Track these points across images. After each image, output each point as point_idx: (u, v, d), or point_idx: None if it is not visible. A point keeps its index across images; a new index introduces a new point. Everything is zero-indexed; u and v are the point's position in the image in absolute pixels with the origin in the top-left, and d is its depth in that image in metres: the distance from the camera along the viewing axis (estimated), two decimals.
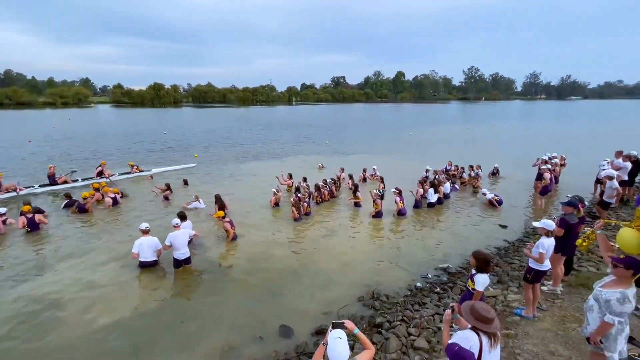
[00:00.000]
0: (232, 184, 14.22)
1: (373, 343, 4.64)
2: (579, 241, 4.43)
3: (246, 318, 5.59)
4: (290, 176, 13.16)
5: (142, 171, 15.63)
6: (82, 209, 10.36)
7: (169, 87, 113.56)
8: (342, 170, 14.37)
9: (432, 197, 10.94)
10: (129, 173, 15.29)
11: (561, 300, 5.38)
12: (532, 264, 4.78)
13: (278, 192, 11.13)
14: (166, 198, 11.69)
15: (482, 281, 3.99)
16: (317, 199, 11.47)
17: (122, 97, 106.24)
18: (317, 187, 11.64)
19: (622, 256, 3.22)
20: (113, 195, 11.17)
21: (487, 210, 10.70)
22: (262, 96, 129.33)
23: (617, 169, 10.14)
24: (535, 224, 4.97)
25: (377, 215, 9.98)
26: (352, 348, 4.12)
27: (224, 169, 17.24)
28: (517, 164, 16.31)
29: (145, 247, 6.97)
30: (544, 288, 5.60)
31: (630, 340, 4.02)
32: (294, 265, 7.36)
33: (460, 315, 2.99)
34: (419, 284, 6.48)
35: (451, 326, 3.18)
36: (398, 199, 10.22)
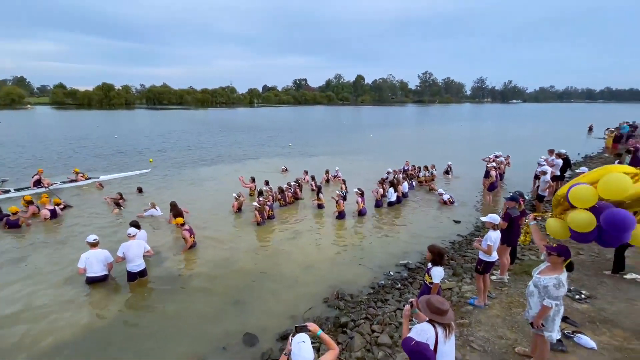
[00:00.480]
0: (192, 190, 13.64)
1: (338, 343, 4.72)
2: (521, 238, 4.86)
3: (208, 329, 5.38)
4: (253, 180, 12.92)
5: (89, 179, 14.41)
6: (13, 225, 9.18)
7: (120, 88, 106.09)
8: (306, 172, 14.42)
9: (392, 196, 11.36)
10: (74, 181, 14.01)
11: (508, 288, 5.84)
12: (482, 256, 5.16)
13: (240, 196, 10.87)
14: (118, 207, 10.89)
15: (438, 274, 4.24)
16: (280, 202, 11.39)
17: (65, 98, 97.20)
18: (281, 190, 11.56)
19: (554, 244, 3.58)
20: (52, 207, 10.02)
21: (442, 208, 11.34)
22: (222, 98, 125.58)
23: (552, 165, 11.32)
24: (483, 219, 5.38)
25: (340, 216, 10.14)
26: (317, 350, 4.15)
27: (182, 174, 16.48)
28: (468, 162, 17.48)
29: (94, 261, 6.43)
30: (493, 278, 6.05)
31: (564, 319, 4.50)
32: (257, 270, 7.23)
33: (418, 310, 3.13)
34: (381, 281, 6.69)
35: (411, 320, 3.31)
36: (360, 199, 10.48)
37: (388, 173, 14.01)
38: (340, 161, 18.73)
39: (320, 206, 11.15)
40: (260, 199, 10.19)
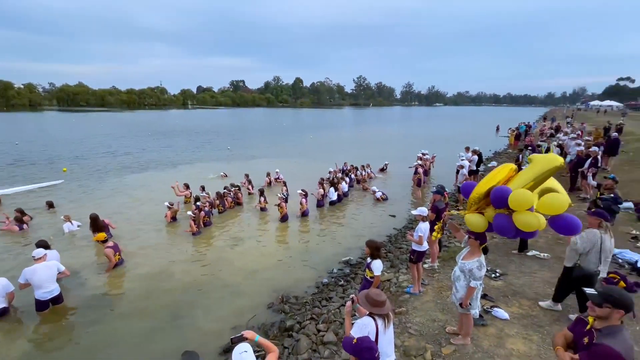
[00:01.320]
0: (118, 200, 12.25)
1: (284, 347, 4.67)
2: (434, 234, 5.39)
3: (143, 353, 4.89)
4: (187, 186, 12.13)
5: None
6: None
7: (22, 86, 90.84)
8: (247, 176, 14.03)
9: (333, 196, 11.67)
10: None
11: (438, 274, 6.41)
12: (414, 247, 5.58)
13: (172, 205, 10.09)
14: (20, 226, 9.28)
15: (378, 266, 4.47)
16: (219, 208, 10.88)
17: None
18: (220, 195, 11.06)
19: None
20: None
21: (378, 204, 11.99)
22: (151, 99, 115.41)
23: (470, 161, 12.79)
24: (413, 212, 5.83)
25: (284, 218, 10.07)
26: (263, 357, 4.03)
27: (105, 183, 14.72)
28: (402, 160, 18.79)
29: None
30: (425, 266, 6.59)
31: (484, 296, 5.09)
32: (196, 282, 6.80)
33: (359, 305, 3.25)
34: (325, 280, 6.81)
35: (353, 315, 3.41)
36: (304, 200, 10.55)
37: (330, 173, 14.36)
38: (282, 163, 18.59)
39: (263, 209, 10.94)
40: (198, 204, 9.62)
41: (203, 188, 11.55)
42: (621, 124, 24.17)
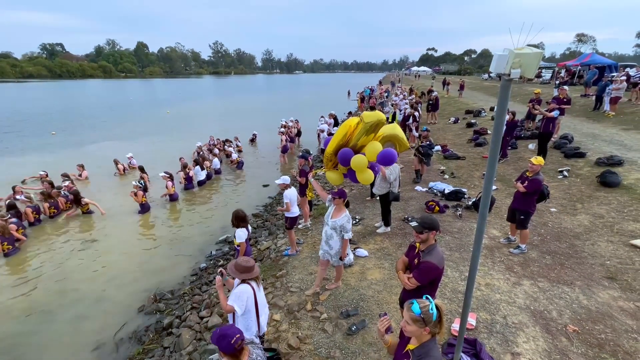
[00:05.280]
0: None
1: (165, 348, 4.31)
2: (308, 194, 5.84)
3: None
4: None
5: None
6: None
7: None
8: (81, 167, 11.39)
9: (201, 175, 10.87)
10: None
11: (311, 231, 7.01)
12: (287, 214, 5.86)
13: None
14: None
15: (241, 234, 4.50)
16: (51, 212, 8.58)
17: None
18: (47, 196, 8.66)
19: (335, 190, 4.47)
20: None
21: (250, 176, 11.92)
22: None
23: (329, 124, 14.04)
24: (276, 182, 6.05)
25: (144, 209, 8.80)
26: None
27: None
28: (270, 129, 18.96)
29: None
30: (299, 226, 7.07)
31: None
32: (37, 305, 5.36)
33: (228, 277, 3.24)
34: (204, 264, 6.48)
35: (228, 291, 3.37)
36: (170, 183, 9.43)
37: (199, 148, 13.23)
38: (134, 146, 15.84)
39: (88, 212, 8.94)
40: (8, 215, 7.29)
41: (16, 189, 8.77)
42: (432, 88, 30.93)
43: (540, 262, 5.12)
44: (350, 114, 16.95)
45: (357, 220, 6.96)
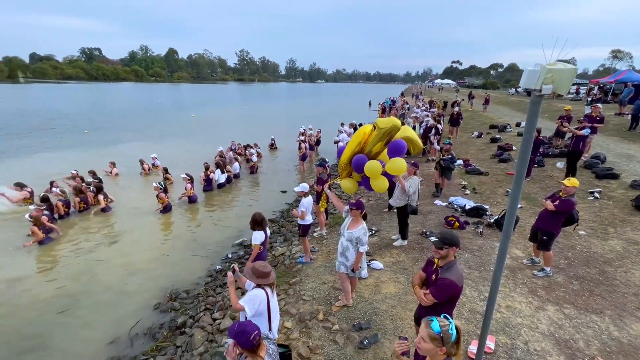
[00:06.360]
0: None
1: (177, 347, 4.37)
2: (321, 203, 5.83)
3: None
4: (21, 186, 9.46)
5: None
6: None
7: None
8: (113, 164, 11.92)
9: (221, 178, 11.10)
10: None
11: (326, 240, 6.97)
12: (300, 221, 5.87)
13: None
14: None
15: (257, 236, 4.54)
16: (81, 206, 8.99)
17: None
18: (79, 190, 9.09)
19: (354, 201, 4.43)
20: None
21: (268, 182, 12.04)
22: None
23: (349, 134, 14.04)
24: (295, 189, 6.06)
25: (165, 210, 9.06)
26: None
27: None
28: (291, 136, 19.16)
29: None
30: (315, 234, 7.06)
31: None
32: (59, 300, 5.57)
33: (240, 274, 3.30)
34: (219, 267, 6.56)
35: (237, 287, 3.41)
36: (189, 185, 9.68)
37: (220, 152, 13.56)
38: (159, 147, 16.43)
39: (104, 210, 9.17)
40: (44, 207, 7.69)
41: (53, 183, 9.31)
42: (457, 100, 30.43)
43: (566, 287, 4.85)
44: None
45: (373, 231, 6.87)
